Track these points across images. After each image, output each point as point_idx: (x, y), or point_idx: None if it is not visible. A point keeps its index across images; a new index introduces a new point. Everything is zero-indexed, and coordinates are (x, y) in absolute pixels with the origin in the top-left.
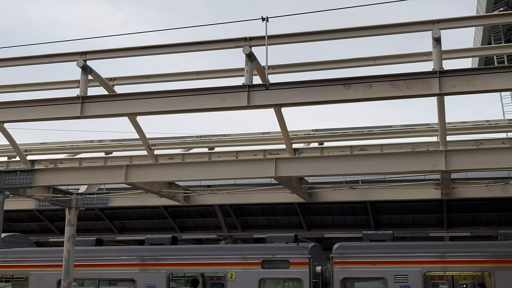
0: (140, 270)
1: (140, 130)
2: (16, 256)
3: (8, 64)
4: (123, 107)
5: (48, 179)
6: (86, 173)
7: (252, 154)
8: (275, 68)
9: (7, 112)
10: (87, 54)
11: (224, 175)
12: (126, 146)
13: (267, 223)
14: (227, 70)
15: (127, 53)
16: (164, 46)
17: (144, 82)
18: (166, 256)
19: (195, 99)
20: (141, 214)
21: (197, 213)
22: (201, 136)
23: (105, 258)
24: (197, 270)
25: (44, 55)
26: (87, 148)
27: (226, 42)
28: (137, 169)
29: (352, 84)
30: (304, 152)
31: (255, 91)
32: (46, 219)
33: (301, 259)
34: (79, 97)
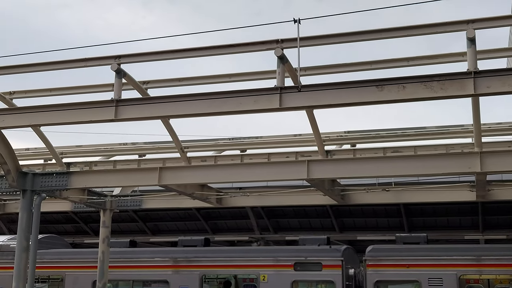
0: (173, 272)
1: (173, 133)
2: (52, 257)
3: (45, 68)
4: (157, 110)
5: (83, 181)
6: (120, 175)
7: (284, 156)
8: (307, 70)
9: (43, 115)
10: (121, 58)
11: (256, 177)
12: (160, 148)
13: (299, 225)
14: (259, 73)
15: (160, 56)
16: (196, 49)
17: (177, 85)
18: (199, 257)
19: (227, 102)
20: (174, 216)
21: (229, 215)
22: (233, 138)
23: (139, 260)
24: (229, 272)
25: (79, 59)
26: (121, 151)
27: (258, 44)
28: (170, 172)
29: (385, 85)
30: (336, 154)
31: (287, 93)
32: (81, 221)
33: (334, 262)
34: (113, 100)
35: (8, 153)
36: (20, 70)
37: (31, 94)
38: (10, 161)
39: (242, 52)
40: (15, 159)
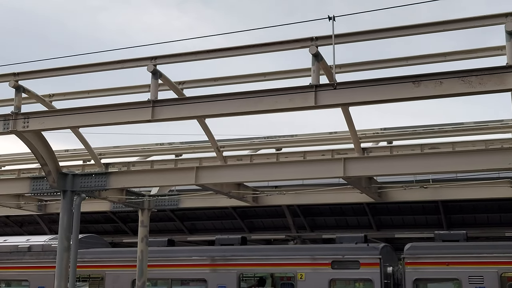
0: (211, 270)
1: (209, 132)
2: (93, 257)
3: (83, 71)
4: (193, 110)
5: (121, 181)
6: (158, 175)
7: (320, 154)
8: (342, 67)
9: (82, 117)
10: (157, 59)
11: (292, 176)
12: (196, 148)
13: (335, 223)
14: (294, 71)
15: (195, 56)
16: (231, 49)
17: (212, 85)
18: (236, 256)
19: (262, 100)
20: (210, 215)
21: (266, 213)
22: (268, 137)
23: (177, 259)
24: (267, 270)
25: (116, 61)
26: (158, 151)
27: (292, 42)
28: (206, 171)
29: (421, 81)
30: (372, 151)
31: (322, 91)
32: (120, 221)
33: (371, 260)
34: (150, 101)
35: (48, 155)
36: (59, 72)
37: (70, 96)
38: (50, 163)
39: (277, 51)
40: (55, 160)
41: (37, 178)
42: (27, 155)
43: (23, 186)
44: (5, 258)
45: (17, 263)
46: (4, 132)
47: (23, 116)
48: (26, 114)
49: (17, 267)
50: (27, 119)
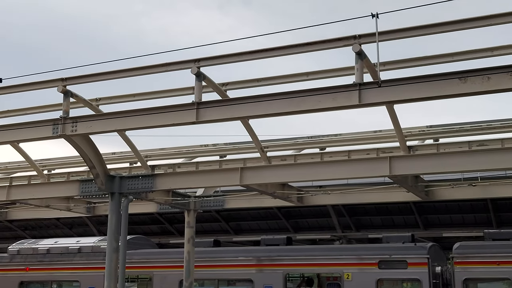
0: (257, 271)
1: (253, 133)
2: (141, 257)
3: (128, 75)
4: (236, 111)
5: (167, 183)
6: (203, 176)
7: (365, 153)
8: (386, 65)
9: (128, 120)
10: (200, 61)
11: (336, 175)
12: (240, 149)
13: (381, 222)
14: (337, 69)
15: (238, 58)
16: (274, 49)
17: (256, 86)
18: (282, 256)
19: (306, 100)
20: (255, 215)
21: (310, 213)
22: (312, 136)
23: (223, 259)
24: (313, 270)
25: (160, 64)
26: (202, 152)
27: (335, 41)
28: (251, 171)
29: (468, 77)
30: (419, 149)
31: (366, 89)
32: (166, 222)
33: (419, 259)
34: (194, 103)
35: (96, 158)
36: (105, 77)
37: (116, 100)
38: (98, 166)
39: (320, 50)
40: (103, 163)
41: (85, 181)
42: (76, 159)
43: (72, 189)
44: (56, 259)
45: (68, 264)
46: (54, 136)
47: (72, 120)
48: (74, 119)
49: (68, 268)
50: (75, 123)
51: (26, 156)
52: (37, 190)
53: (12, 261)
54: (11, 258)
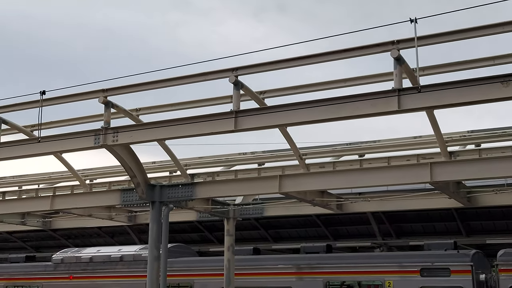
0: (297, 279)
1: (291, 141)
2: (181, 266)
3: (167, 84)
4: (275, 119)
5: (207, 191)
6: (242, 184)
7: (405, 159)
8: (426, 70)
9: (168, 129)
10: (238, 69)
11: (376, 182)
12: (278, 156)
13: (422, 229)
14: (375, 75)
15: (276, 66)
16: (311, 57)
17: (293, 93)
18: (322, 264)
19: (344, 107)
20: (294, 223)
21: (350, 220)
22: (351, 143)
23: (263, 267)
24: (353, 278)
25: (199, 73)
26: (241, 160)
27: (373, 47)
28: (290, 179)
29: (510, 81)
30: (460, 154)
31: (405, 95)
32: (206, 230)
33: (462, 267)
34: (232, 111)
35: (137, 167)
36: (145, 87)
37: (156, 110)
38: (139, 175)
39: (358, 56)
40: (143, 172)
41: (127, 190)
42: (117, 168)
43: (113, 198)
44: (99, 268)
45: (110, 272)
46: (95, 146)
47: (113, 130)
48: (115, 129)
49: (110, 276)
50: (116, 133)
51: (69, 166)
52: (80, 199)
53: (56, 269)
54: (55, 266)
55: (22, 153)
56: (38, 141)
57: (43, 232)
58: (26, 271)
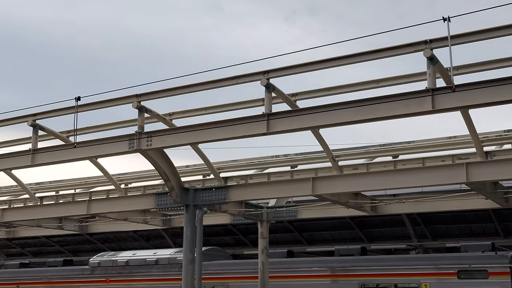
0: (332, 281)
1: (324, 142)
2: (216, 268)
3: (200, 89)
4: (307, 121)
5: (240, 194)
6: (275, 187)
7: (440, 160)
8: (459, 69)
9: (200, 133)
10: (269, 72)
11: (411, 183)
12: (311, 159)
13: (459, 231)
14: (408, 76)
15: (307, 68)
16: (342, 58)
17: (325, 95)
18: (357, 267)
19: (377, 108)
20: (328, 225)
21: (384, 222)
22: (384, 144)
23: (297, 269)
24: (389, 281)
25: (231, 77)
26: (273, 163)
27: (405, 47)
28: (323, 181)
29: None
30: (496, 154)
31: (439, 95)
32: (240, 233)
33: (501, 269)
34: (264, 114)
35: (171, 171)
36: (177, 92)
37: (189, 114)
38: (173, 179)
39: (390, 57)
40: (177, 176)
41: (161, 194)
42: (151, 172)
43: (148, 202)
44: (135, 271)
45: (146, 275)
46: (130, 151)
47: (147, 135)
48: (149, 133)
49: (146, 279)
50: (150, 137)
51: (105, 171)
52: (115, 204)
53: (93, 273)
54: (92, 270)
55: (59, 159)
56: (74, 147)
57: (80, 236)
58: (64, 274)
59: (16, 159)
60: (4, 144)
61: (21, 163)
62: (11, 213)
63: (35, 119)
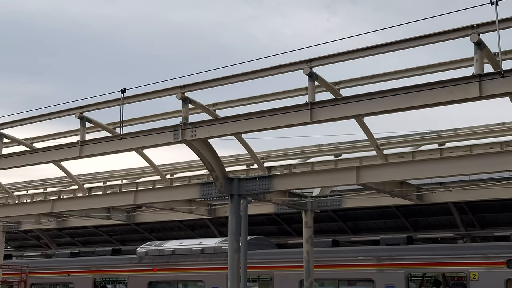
0: (378, 270)
1: (368, 131)
2: (261, 258)
3: (242, 79)
4: (350, 109)
5: (284, 184)
6: (319, 176)
7: (488, 147)
8: (508, 54)
9: (244, 123)
10: (312, 61)
11: (458, 171)
12: (355, 147)
13: (508, 219)
14: (454, 62)
15: (350, 56)
16: (387, 45)
17: (369, 83)
18: (403, 256)
19: (421, 95)
20: (372, 214)
21: (430, 211)
22: (430, 132)
23: (343, 259)
24: (436, 270)
25: (273, 66)
26: (317, 152)
27: (451, 32)
28: (368, 170)
29: None
30: None
31: (487, 80)
32: (284, 222)
33: None
34: (308, 103)
35: (215, 161)
36: (221, 82)
37: (232, 104)
38: (217, 169)
39: (435, 42)
40: (221, 166)
41: (206, 184)
42: (196, 163)
43: (193, 191)
44: (181, 260)
45: (192, 264)
46: (175, 141)
47: (191, 126)
48: (193, 124)
49: (192, 268)
50: (194, 128)
51: (150, 162)
52: (161, 194)
53: (141, 262)
54: (140, 259)
55: (106, 150)
56: (121, 138)
57: (127, 226)
58: (112, 263)
59: (65, 151)
60: (53, 137)
61: (70, 154)
62: (61, 204)
63: (82, 111)
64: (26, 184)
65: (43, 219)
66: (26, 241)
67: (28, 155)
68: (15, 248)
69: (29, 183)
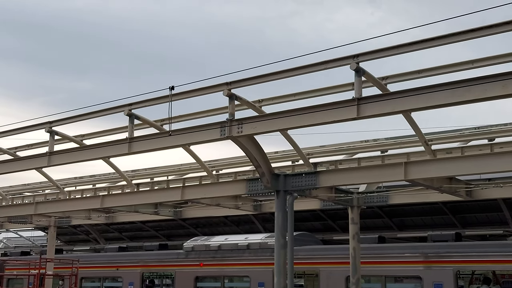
0: (425, 267)
1: (416, 126)
2: (307, 254)
3: (288, 75)
4: (398, 104)
5: (330, 180)
6: (366, 172)
7: None
8: None
9: (290, 119)
10: (359, 56)
11: (509, 167)
12: (402, 143)
13: None
14: (504, 55)
15: (398, 50)
16: (433, 39)
17: (417, 78)
18: (452, 253)
19: (471, 89)
20: (419, 211)
21: (479, 207)
22: (479, 127)
23: (389, 255)
24: (486, 267)
25: (320, 62)
26: (363, 148)
27: (501, 25)
28: (416, 166)
29: None
30: None
31: None
32: (329, 218)
33: None
34: (354, 99)
35: (261, 157)
36: (266, 79)
37: (278, 101)
38: (263, 165)
39: (483, 36)
40: (267, 162)
41: (252, 180)
42: (242, 159)
43: (239, 187)
44: (227, 255)
45: (238, 260)
46: (221, 138)
47: (237, 122)
48: (239, 120)
49: (238, 263)
50: (240, 124)
51: (197, 158)
52: (208, 189)
53: (187, 257)
54: (187, 254)
55: (155, 146)
56: (169, 135)
57: (174, 222)
58: (160, 258)
59: (114, 148)
60: (102, 134)
61: (119, 151)
62: (110, 199)
63: (131, 108)
64: (76, 180)
65: (92, 214)
66: (76, 236)
67: (79, 152)
68: (65, 243)
69: (79, 179)
